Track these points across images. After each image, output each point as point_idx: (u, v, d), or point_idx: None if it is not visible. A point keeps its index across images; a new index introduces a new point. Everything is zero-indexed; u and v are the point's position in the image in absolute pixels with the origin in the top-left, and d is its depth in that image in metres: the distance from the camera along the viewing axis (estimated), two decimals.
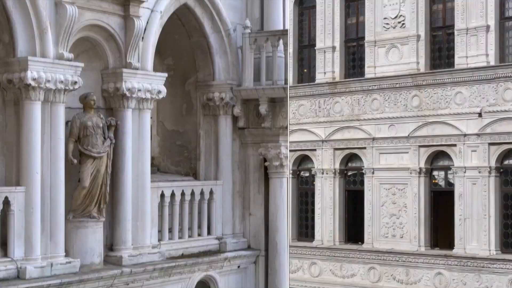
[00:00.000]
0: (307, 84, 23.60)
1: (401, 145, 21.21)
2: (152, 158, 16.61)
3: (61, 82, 13.41)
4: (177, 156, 17.67)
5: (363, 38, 22.40)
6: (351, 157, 22.48)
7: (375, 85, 21.59)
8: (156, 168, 17.44)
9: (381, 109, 21.59)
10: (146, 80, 15.10)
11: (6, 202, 13.02)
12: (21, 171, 13.26)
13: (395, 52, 21.49)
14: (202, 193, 16.89)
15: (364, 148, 22.00)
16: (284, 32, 16.93)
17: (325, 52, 22.63)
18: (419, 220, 20.88)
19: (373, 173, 21.64)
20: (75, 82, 13.67)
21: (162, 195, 16.04)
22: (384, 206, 21.56)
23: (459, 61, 20.40)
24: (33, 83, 13.01)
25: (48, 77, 13.19)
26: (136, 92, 14.83)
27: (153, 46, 15.48)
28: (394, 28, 21.50)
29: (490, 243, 19.70)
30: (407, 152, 21.13)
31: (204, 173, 17.36)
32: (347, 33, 22.97)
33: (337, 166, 22.40)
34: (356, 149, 22.22)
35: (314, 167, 23.18)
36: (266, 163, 17.30)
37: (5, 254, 13.10)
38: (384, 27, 21.63)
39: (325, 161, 22.54)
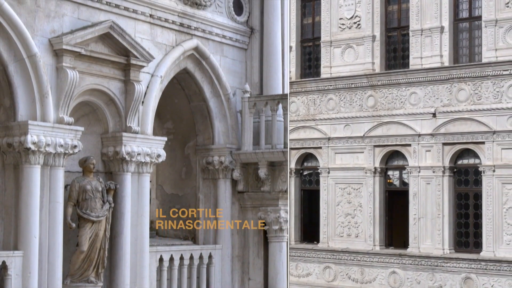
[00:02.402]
0: None
1: (356, 145, 21.32)
2: (151, 222, 16.54)
3: (61, 146, 13.45)
4: (176, 219, 17.59)
5: (319, 38, 22.57)
6: (307, 157, 22.48)
7: (330, 85, 21.74)
8: (155, 232, 17.35)
9: (337, 109, 21.69)
10: (145, 144, 15.14)
11: (4, 266, 12.92)
12: (19, 235, 13.19)
13: (351, 53, 21.65)
14: (201, 257, 16.78)
15: (320, 147, 22.05)
16: (283, 97, 17.06)
17: None
18: (374, 220, 20.94)
19: (328, 172, 21.66)
20: (75, 146, 13.71)
21: (161, 259, 15.94)
22: (339, 205, 21.56)
23: (414, 61, 20.63)
24: (33, 147, 13.05)
25: (48, 141, 13.24)
26: (136, 156, 14.86)
27: (153, 110, 15.58)
28: (349, 28, 21.69)
29: (443, 242, 19.79)
30: (362, 152, 21.23)
31: (203, 237, 17.27)
32: (303, 33, 23.14)
33: (293, 165, 22.38)
34: (311, 148, 22.25)
35: None
36: (265, 227, 17.23)
37: None
38: (339, 27, 21.84)
39: None
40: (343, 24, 21.81)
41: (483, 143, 19.40)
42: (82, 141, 13.97)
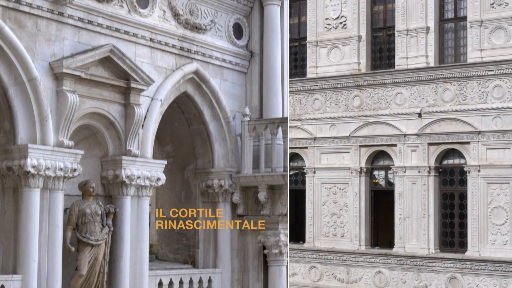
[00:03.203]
0: None
1: (342, 145, 21.40)
2: (151, 246, 16.49)
3: (61, 169, 13.44)
4: (176, 243, 17.56)
5: (305, 38, 22.68)
6: (293, 157, 22.51)
7: (316, 85, 21.82)
8: (154, 256, 17.29)
9: (323, 109, 21.77)
10: (145, 168, 15.12)
11: None
12: (18, 259, 13.13)
13: (337, 53, 21.75)
14: (200, 281, 16.70)
15: (306, 147, 22.10)
16: (283, 120, 17.07)
17: None
18: (359, 219, 20.98)
19: (314, 172, 21.69)
20: (75, 170, 13.70)
21: (160, 283, 15.87)
22: (325, 205, 21.60)
23: (400, 62, 20.75)
24: (32, 171, 13.03)
25: (47, 165, 13.22)
26: (135, 179, 14.84)
27: (152, 133, 15.58)
28: (335, 28, 21.81)
29: (429, 242, 19.88)
30: (348, 152, 21.30)
31: (202, 261, 17.20)
32: (289, 33, 23.21)
33: None
34: (297, 148, 22.30)
35: None
36: (265, 251, 17.17)
37: None
38: (325, 27, 21.95)
39: None
40: (329, 24, 21.95)
41: (468, 143, 19.56)
42: (81, 165, 13.95)
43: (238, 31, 17.89)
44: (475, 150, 19.31)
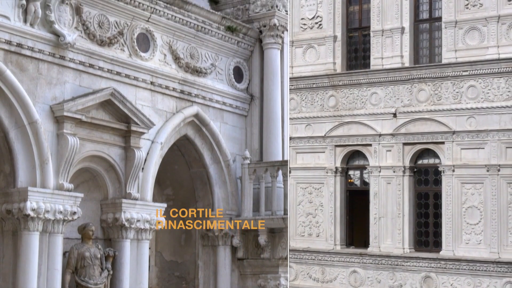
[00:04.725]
0: None
1: (318, 144, 21.34)
2: None
3: (60, 212, 13.40)
4: (175, 287, 17.44)
5: None
6: None
7: (292, 85, 21.81)
8: None
9: (298, 108, 21.74)
10: (145, 211, 15.08)
11: None
12: None
13: (312, 53, 21.78)
14: None
15: None
16: (283, 163, 17.08)
17: None
18: (335, 219, 20.86)
19: (290, 172, 21.57)
20: (74, 213, 13.66)
21: None
22: (300, 205, 21.48)
23: (375, 62, 20.79)
24: (32, 214, 12.99)
25: (47, 208, 13.19)
26: (135, 222, 14.79)
27: (153, 176, 15.57)
28: (311, 28, 21.86)
29: (404, 242, 19.80)
30: (324, 152, 21.24)
31: None
32: None
33: None
34: None
35: None
36: None
37: None
38: (301, 27, 22.01)
39: None
40: (304, 24, 22.08)
41: (443, 143, 19.59)
42: (81, 208, 13.92)
43: (238, 74, 18.00)
44: (450, 150, 19.41)
